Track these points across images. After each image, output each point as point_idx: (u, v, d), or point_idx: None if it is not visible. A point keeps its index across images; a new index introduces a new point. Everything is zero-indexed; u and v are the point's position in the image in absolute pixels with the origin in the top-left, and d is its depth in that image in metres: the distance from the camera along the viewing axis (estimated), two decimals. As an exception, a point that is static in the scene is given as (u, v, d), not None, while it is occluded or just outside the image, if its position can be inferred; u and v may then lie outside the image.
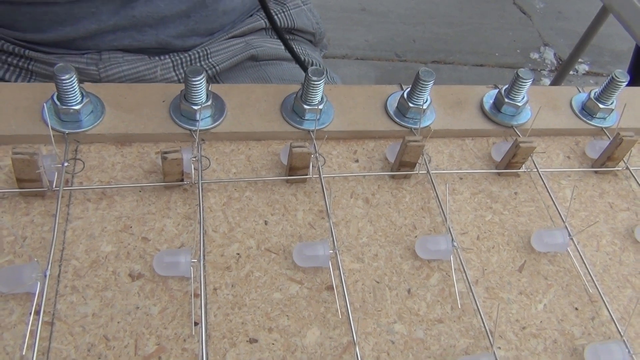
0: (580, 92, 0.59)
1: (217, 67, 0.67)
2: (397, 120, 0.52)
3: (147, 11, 0.60)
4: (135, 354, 0.36)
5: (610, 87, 0.54)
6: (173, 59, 0.65)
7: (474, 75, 2.12)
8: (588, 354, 0.40)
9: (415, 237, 0.45)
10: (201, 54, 0.66)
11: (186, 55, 0.65)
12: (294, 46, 0.68)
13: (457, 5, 2.44)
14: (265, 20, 0.72)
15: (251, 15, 0.73)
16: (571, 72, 2.09)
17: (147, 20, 0.61)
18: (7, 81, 0.62)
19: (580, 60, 2.11)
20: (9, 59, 0.62)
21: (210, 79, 0.68)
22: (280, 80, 0.71)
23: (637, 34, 0.97)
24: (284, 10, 0.74)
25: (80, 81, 0.45)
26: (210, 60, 0.67)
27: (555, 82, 1.74)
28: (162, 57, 0.64)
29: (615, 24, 1.07)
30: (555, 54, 2.28)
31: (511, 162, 0.50)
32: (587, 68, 2.27)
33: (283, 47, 0.73)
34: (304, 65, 0.69)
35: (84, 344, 0.36)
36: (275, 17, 0.72)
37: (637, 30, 0.97)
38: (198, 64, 0.66)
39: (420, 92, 0.50)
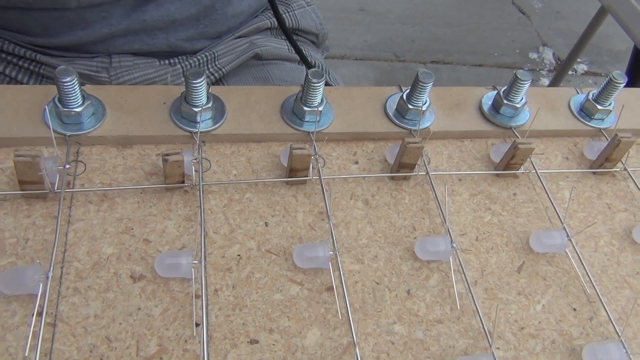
0: (578, 93, 0.59)
1: (223, 70, 0.67)
2: (397, 121, 0.52)
3: (157, 15, 0.61)
4: (137, 355, 0.36)
5: (608, 88, 0.55)
6: (183, 64, 0.65)
7: (473, 75, 2.12)
8: (586, 354, 0.41)
9: (415, 238, 0.46)
10: (209, 57, 0.66)
11: (195, 59, 0.66)
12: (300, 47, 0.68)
13: (456, 5, 2.44)
14: (270, 20, 0.73)
15: (256, 16, 0.73)
16: (570, 72, 2.09)
17: (157, 24, 0.61)
18: (20, 82, 0.63)
19: (578, 60, 2.11)
20: (20, 62, 0.62)
21: (217, 82, 0.69)
22: (282, 81, 0.72)
23: (636, 34, 0.97)
24: (289, 10, 0.75)
25: (82, 84, 0.45)
26: (217, 63, 0.67)
27: (554, 82, 1.74)
28: (172, 62, 0.65)
29: (614, 23, 1.07)
30: (554, 54, 2.29)
31: (510, 163, 0.50)
32: (585, 68, 2.28)
33: (287, 47, 0.74)
34: (307, 61, 0.69)
35: (86, 345, 0.36)
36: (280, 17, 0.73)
37: (635, 31, 0.97)
38: (205, 68, 0.67)
39: (419, 93, 0.50)
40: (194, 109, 0.47)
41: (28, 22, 0.59)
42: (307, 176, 0.47)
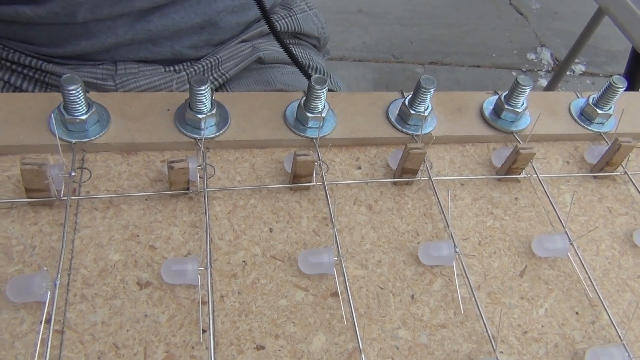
0: (578, 97, 0.60)
1: (227, 75, 0.68)
2: (399, 127, 0.52)
3: (162, 25, 0.61)
4: (144, 362, 0.37)
5: (608, 92, 0.55)
6: (188, 71, 0.66)
7: (471, 76, 2.13)
8: (589, 357, 0.41)
9: (418, 243, 0.46)
10: (213, 63, 0.67)
11: (199, 66, 0.66)
12: (296, 50, 0.68)
13: (454, 6, 2.45)
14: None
15: (259, 20, 0.73)
16: (568, 73, 2.10)
17: (162, 33, 0.62)
18: (25, 90, 0.63)
19: (576, 60, 2.12)
20: (25, 71, 0.62)
21: (220, 87, 0.69)
22: (284, 85, 0.72)
23: (633, 36, 0.98)
24: (291, 14, 0.75)
25: (86, 91, 0.46)
26: (220, 68, 0.67)
27: (552, 83, 1.75)
28: (177, 69, 0.65)
29: (611, 24, 1.08)
30: (551, 55, 2.29)
31: (511, 168, 0.50)
32: (583, 68, 2.28)
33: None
34: (304, 70, 0.70)
35: (94, 352, 0.37)
36: (282, 21, 0.73)
37: (633, 33, 0.98)
38: (209, 74, 0.67)
39: (421, 99, 0.51)
40: (198, 115, 0.47)
41: (33, 34, 0.59)
42: (310, 182, 0.47)
